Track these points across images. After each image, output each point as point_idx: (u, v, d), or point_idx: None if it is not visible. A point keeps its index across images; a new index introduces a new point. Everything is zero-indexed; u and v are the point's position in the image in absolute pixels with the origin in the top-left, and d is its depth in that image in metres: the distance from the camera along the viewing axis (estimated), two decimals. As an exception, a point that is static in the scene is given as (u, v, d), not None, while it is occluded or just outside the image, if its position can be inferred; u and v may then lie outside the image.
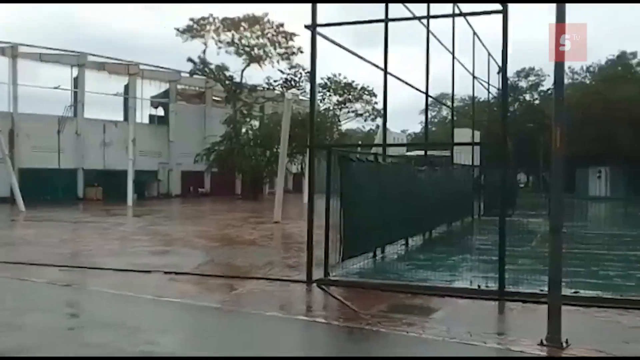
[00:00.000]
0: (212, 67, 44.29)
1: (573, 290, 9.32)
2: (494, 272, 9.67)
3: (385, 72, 13.77)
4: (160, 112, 48.51)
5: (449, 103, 24.22)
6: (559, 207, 7.12)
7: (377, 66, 13.60)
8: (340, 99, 51.00)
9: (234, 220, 24.51)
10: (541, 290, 8.56)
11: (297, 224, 20.13)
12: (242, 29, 43.38)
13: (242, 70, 44.71)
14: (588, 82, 52.98)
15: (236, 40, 43.69)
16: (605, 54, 53.82)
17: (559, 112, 7.08)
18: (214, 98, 49.63)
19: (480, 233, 19.55)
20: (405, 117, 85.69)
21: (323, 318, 8.44)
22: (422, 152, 20.84)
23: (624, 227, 22.42)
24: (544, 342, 6.75)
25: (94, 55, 42.41)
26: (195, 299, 9.50)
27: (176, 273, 11.60)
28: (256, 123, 46.48)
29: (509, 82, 47.67)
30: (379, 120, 48.65)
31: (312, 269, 10.64)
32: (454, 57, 20.01)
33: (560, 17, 6.91)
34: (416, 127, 73.87)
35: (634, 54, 50.47)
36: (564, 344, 6.68)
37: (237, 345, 7.07)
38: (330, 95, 50.55)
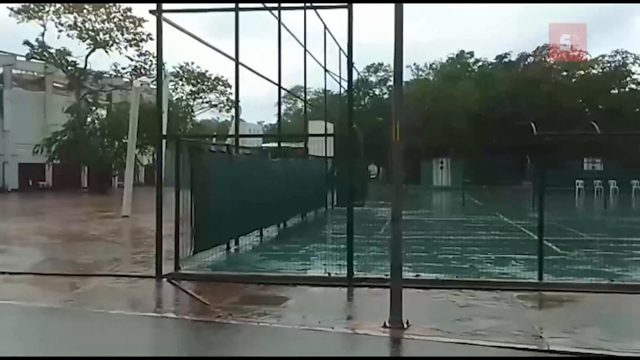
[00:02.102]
0: (52, 51, 41.20)
1: (415, 274, 9.91)
2: (344, 260, 9.98)
3: (237, 63, 13.65)
4: (-8, 99, 44.27)
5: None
6: (399, 197, 7.47)
7: (228, 56, 13.44)
8: (194, 89, 49.85)
9: (78, 215, 23.06)
10: (386, 275, 8.92)
11: (148, 218, 19.24)
12: (85, 11, 40.79)
13: (87, 56, 42.15)
14: (431, 78, 56.47)
15: (79, 24, 41.03)
16: (446, 53, 57.68)
17: (398, 106, 7.41)
18: (55, 85, 46.23)
19: (333, 223, 20.12)
20: (262, 109, 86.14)
21: (173, 313, 8.20)
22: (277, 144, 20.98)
23: (462, 214, 24.25)
24: (387, 324, 7.09)
25: None
26: (33, 300, 8.80)
27: (11, 273, 10.69)
28: (103, 112, 44.03)
29: (359, 76, 49.60)
30: (234, 111, 48.26)
31: (161, 264, 10.30)
32: (305, 50, 20.32)
33: (398, 17, 7.25)
34: (273, 118, 74.24)
35: (471, 54, 54.66)
36: (405, 325, 7.07)
37: (81, 348, 6.65)
38: (183, 84, 49.23)
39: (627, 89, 49.42)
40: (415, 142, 41.90)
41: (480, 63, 54.28)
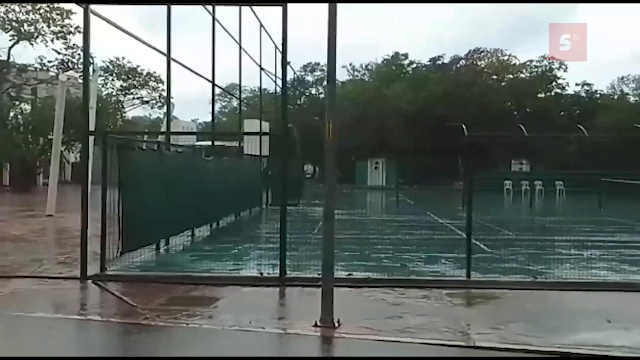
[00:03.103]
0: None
1: (347, 273, 9.96)
2: (277, 260, 9.89)
3: (169, 58, 13.34)
4: None
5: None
6: (332, 196, 7.47)
7: (159, 51, 13.10)
8: (125, 85, 48.37)
9: None
10: (319, 275, 8.92)
11: (73, 217, 18.53)
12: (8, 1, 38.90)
13: (10, 48, 40.21)
14: (367, 79, 57.11)
15: (2, 14, 39.13)
16: (382, 54, 58.46)
17: (331, 105, 7.41)
18: (-26, 77, 43.89)
19: (267, 222, 20.01)
20: (197, 107, 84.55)
21: (98, 315, 7.89)
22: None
23: (395, 214, 24.62)
24: (318, 324, 7.07)
25: None
26: (-57, 306, 8.27)
27: None
28: (27, 107, 42.11)
29: (295, 75, 49.59)
30: (166, 108, 47.12)
31: (86, 265, 9.93)
32: (240, 48, 20.12)
33: (332, 17, 7.24)
34: (207, 116, 73.14)
35: (406, 55, 55.57)
36: (336, 324, 7.07)
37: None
38: (113, 80, 47.70)
39: (553, 93, 51.51)
40: (351, 142, 42.28)
41: (414, 65, 55.29)
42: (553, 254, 13.35)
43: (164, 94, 48.94)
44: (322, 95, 59.15)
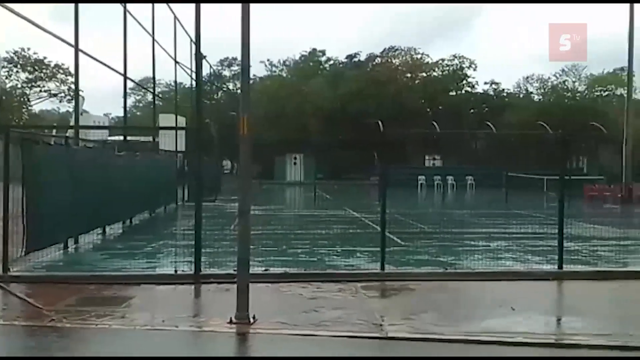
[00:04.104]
0: None
1: (264, 269, 9.93)
2: (192, 257, 9.71)
3: (77, 49, 12.78)
4: None
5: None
6: (247, 191, 7.43)
7: (66, 42, 12.55)
8: (31, 77, 45.94)
9: None
10: (235, 270, 8.86)
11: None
12: None
13: None
14: (285, 75, 57.09)
15: None
16: (300, 50, 58.61)
17: (246, 101, 7.37)
18: None
19: (183, 219, 19.59)
20: (109, 101, 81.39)
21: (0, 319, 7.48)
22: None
23: (313, 209, 24.79)
24: (234, 320, 7.01)
25: None
26: None
27: None
28: None
29: (212, 70, 48.85)
30: (74, 101, 45.19)
31: (-13, 266, 9.36)
32: (154, 40, 19.60)
33: (245, 17, 7.20)
34: (120, 111, 70.76)
35: (323, 52, 55.97)
36: (252, 320, 7.03)
37: None
38: (18, 71, 45.16)
39: (463, 91, 53.48)
40: (269, 138, 42.20)
41: (331, 62, 55.80)
42: (463, 245, 13.90)
43: (73, 86, 47.03)
44: (239, 91, 58.48)
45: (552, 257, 10.67)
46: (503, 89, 53.89)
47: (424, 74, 53.30)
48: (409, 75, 53.26)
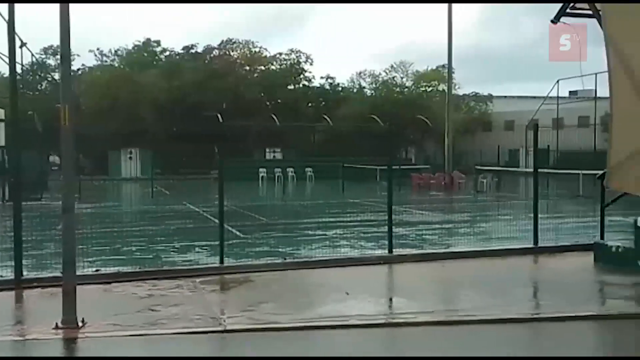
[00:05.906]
0: None
1: (95, 269, 9.39)
2: (12, 260, 8.90)
3: None
4: None
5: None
6: (70, 187, 6.97)
7: None
8: None
9: None
10: (62, 273, 8.29)
11: None
12: None
13: None
14: (117, 65, 54.25)
15: None
16: (133, 39, 56.10)
17: (67, 89, 6.91)
18: None
19: (2, 220, 17.89)
20: None
21: None
22: None
23: (150, 205, 23.93)
24: (60, 325, 6.55)
25: None
26: None
27: None
28: None
29: (34, 58, 45.10)
30: None
31: None
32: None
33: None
34: None
35: (158, 42, 53.99)
36: (80, 324, 6.62)
37: None
38: None
39: (301, 85, 54.61)
40: (101, 130, 39.97)
41: (167, 53, 54.07)
42: (302, 235, 14.25)
43: None
44: (65, 80, 54.67)
45: (383, 243, 11.27)
46: (338, 84, 55.92)
47: (262, 67, 53.61)
48: (247, 68, 53.24)
